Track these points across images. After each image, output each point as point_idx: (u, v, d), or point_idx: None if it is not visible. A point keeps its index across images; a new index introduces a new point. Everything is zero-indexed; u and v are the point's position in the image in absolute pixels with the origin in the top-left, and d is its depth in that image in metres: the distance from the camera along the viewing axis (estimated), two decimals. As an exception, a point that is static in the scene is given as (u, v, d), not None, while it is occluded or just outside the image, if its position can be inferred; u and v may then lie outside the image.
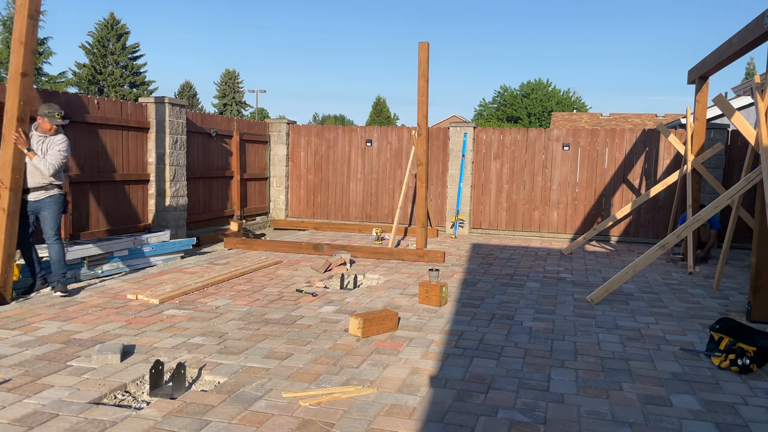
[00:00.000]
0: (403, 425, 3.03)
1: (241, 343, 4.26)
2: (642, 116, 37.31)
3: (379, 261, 7.86)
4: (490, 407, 3.28)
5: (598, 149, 10.50)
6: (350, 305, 5.47)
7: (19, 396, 3.27)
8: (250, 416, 3.09)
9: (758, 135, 5.51)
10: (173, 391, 3.35)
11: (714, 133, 9.64)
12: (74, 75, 43.20)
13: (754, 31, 5.75)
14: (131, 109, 8.15)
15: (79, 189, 7.32)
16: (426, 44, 8.03)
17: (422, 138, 8.23)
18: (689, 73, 8.46)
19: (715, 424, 3.15)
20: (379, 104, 69.41)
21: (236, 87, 63.64)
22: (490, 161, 10.96)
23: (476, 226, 11.10)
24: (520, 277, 7.04)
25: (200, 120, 9.58)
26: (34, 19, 5.24)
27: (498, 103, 61.37)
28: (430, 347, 4.29)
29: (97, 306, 5.20)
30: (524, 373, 3.82)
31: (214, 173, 9.92)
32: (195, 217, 9.44)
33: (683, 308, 5.68)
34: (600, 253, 9.13)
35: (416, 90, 8.19)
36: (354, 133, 11.68)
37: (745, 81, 19.82)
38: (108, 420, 3.01)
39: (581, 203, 10.62)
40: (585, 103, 59.62)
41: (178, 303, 5.38)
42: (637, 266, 5.79)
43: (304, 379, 3.63)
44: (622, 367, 3.99)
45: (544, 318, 5.19)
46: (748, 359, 3.88)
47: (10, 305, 5.11)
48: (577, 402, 3.39)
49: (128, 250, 6.73)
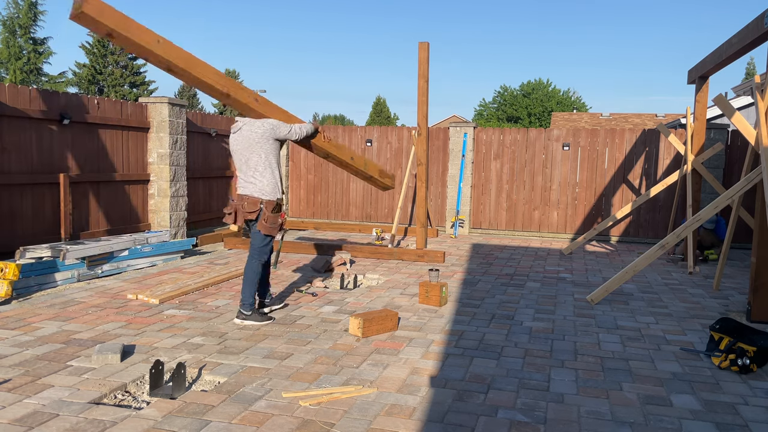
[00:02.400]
0: (403, 425, 3.03)
1: (241, 343, 4.26)
2: (642, 116, 37.31)
3: (379, 261, 7.86)
4: (490, 407, 3.28)
5: (598, 149, 10.50)
6: (350, 305, 5.47)
7: (19, 396, 3.27)
8: (250, 416, 3.09)
9: (758, 135, 5.51)
10: (173, 391, 3.35)
11: (714, 133, 9.64)
12: (74, 75, 43.19)
13: (754, 31, 5.75)
14: (131, 109, 8.14)
15: (79, 189, 7.32)
16: (426, 44, 8.03)
17: (422, 138, 8.23)
18: (689, 73, 8.46)
19: (715, 424, 3.15)
20: (379, 104, 69.37)
21: (236, 87, 63.55)
22: (490, 161, 10.96)
23: (476, 226, 11.10)
24: (520, 277, 7.04)
25: (200, 120, 9.58)
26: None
27: (498, 103, 61.35)
28: (430, 347, 4.29)
29: (97, 306, 5.20)
30: (524, 373, 3.82)
31: (214, 173, 9.92)
32: (195, 217, 9.44)
33: (683, 308, 5.68)
34: (600, 253, 9.13)
35: (416, 90, 8.19)
36: (354, 133, 11.68)
37: (745, 81, 19.82)
38: (108, 420, 3.01)
39: (581, 203, 10.62)
40: (585, 103, 59.59)
41: (178, 303, 5.38)
42: (637, 266, 5.79)
43: (304, 379, 3.63)
44: (622, 367, 3.99)
45: (544, 318, 5.19)
46: (748, 359, 3.88)
47: (10, 305, 5.11)
48: (577, 402, 3.39)
49: (128, 250, 6.73)
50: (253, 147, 4.80)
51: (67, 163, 7.16)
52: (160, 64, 4.31)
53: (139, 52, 4.18)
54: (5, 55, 36.52)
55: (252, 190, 4.82)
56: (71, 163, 7.22)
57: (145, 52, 4.17)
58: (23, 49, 37.35)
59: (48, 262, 5.79)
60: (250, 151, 4.80)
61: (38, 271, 5.69)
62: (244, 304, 4.83)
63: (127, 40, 4.02)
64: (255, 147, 4.80)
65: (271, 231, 4.85)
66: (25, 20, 36.96)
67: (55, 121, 6.98)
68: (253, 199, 4.81)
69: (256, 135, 4.80)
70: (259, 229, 4.84)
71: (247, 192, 4.84)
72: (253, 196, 4.81)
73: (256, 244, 4.91)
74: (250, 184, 4.83)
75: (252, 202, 4.81)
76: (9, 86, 6.42)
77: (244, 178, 4.87)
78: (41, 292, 5.62)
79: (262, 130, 4.81)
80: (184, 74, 4.41)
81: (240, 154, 4.85)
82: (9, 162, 6.46)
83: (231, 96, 4.67)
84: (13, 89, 6.47)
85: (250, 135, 4.80)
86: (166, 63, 4.27)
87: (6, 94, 6.38)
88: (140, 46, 4.10)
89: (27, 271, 5.57)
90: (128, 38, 4.00)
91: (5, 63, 36.69)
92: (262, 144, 4.81)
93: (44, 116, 6.79)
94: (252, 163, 4.81)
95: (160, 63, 4.29)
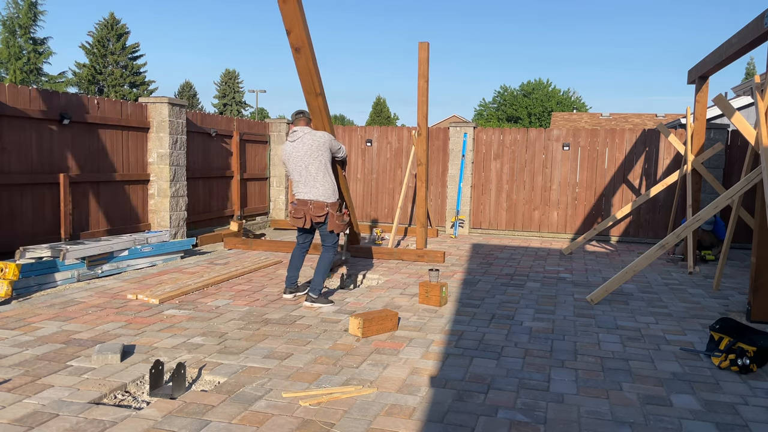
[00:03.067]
0: (403, 425, 3.03)
1: (241, 343, 4.26)
2: (642, 116, 37.31)
3: (379, 261, 7.86)
4: (490, 407, 3.28)
5: (598, 149, 10.50)
6: (350, 305, 5.47)
7: (19, 396, 3.27)
8: (250, 416, 3.09)
9: (758, 135, 5.51)
10: (173, 391, 3.35)
11: (714, 133, 9.64)
12: (74, 75, 43.21)
13: (754, 31, 5.75)
14: (131, 109, 8.14)
15: (79, 189, 7.32)
16: (426, 44, 8.03)
17: (422, 138, 8.23)
18: (689, 73, 8.46)
19: (715, 424, 3.15)
20: (379, 104, 69.36)
21: (236, 87, 63.61)
22: (490, 161, 10.96)
23: (476, 226, 11.10)
24: (520, 277, 7.04)
25: (200, 120, 9.58)
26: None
27: (498, 103, 61.36)
28: (430, 347, 4.29)
29: (97, 306, 5.20)
30: (524, 373, 3.82)
31: (214, 173, 9.91)
32: (195, 217, 9.44)
33: (683, 308, 5.68)
34: (600, 253, 9.13)
35: (416, 90, 8.19)
36: (354, 133, 11.68)
37: (745, 81, 19.82)
38: (108, 420, 3.01)
39: (581, 203, 10.62)
40: (585, 103, 59.63)
41: (178, 303, 5.38)
42: (637, 266, 5.79)
43: (304, 379, 3.62)
44: (622, 367, 3.99)
45: (544, 318, 5.19)
46: (748, 359, 3.88)
47: (10, 305, 5.11)
48: (577, 402, 3.39)
49: (128, 250, 6.73)
50: (314, 154, 5.25)
51: (67, 163, 7.16)
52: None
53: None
54: (5, 55, 36.52)
55: (316, 194, 5.29)
56: (71, 163, 7.21)
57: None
58: (23, 49, 37.35)
59: (48, 262, 5.79)
60: (312, 157, 5.26)
61: (38, 271, 5.69)
62: (314, 289, 5.35)
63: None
64: (316, 154, 5.26)
65: (342, 228, 5.44)
66: (25, 20, 36.96)
67: (55, 121, 6.97)
68: (319, 203, 5.29)
69: (317, 143, 5.27)
70: (332, 229, 5.37)
71: (311, 197, 5.32)
72: (319, 201, 5.29)
73: (329, 241, 5.47)
74: (312, 189, 5.28)
75: (318, 206, 5.29)
76: (9, 86, 6.42)
77: (303, 183, 5.30)
78: (41, 292, 5.62)
79: (324, 140, 5.32)
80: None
81: (300, 160, 5.27)
82: (9, 162, 6.46)
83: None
84: (13, 89, 6.46)
85: (312, 143, 5.27)
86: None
87: (6, 94, 6.38)
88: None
89: (27, 271, 5.57)
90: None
91: (5, 63, 36.69)
92: (323, 152, 5.30)
93: (44, 116, 6.79)
94: (312, 169, 5.26)
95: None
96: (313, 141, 5.27)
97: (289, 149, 5.35)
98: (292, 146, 5.33)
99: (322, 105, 5.67)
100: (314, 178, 5.27)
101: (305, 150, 5.26)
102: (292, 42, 5.38)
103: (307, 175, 5.27)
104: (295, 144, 5.31)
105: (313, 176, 5.26)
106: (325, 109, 5.77)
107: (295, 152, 5.30)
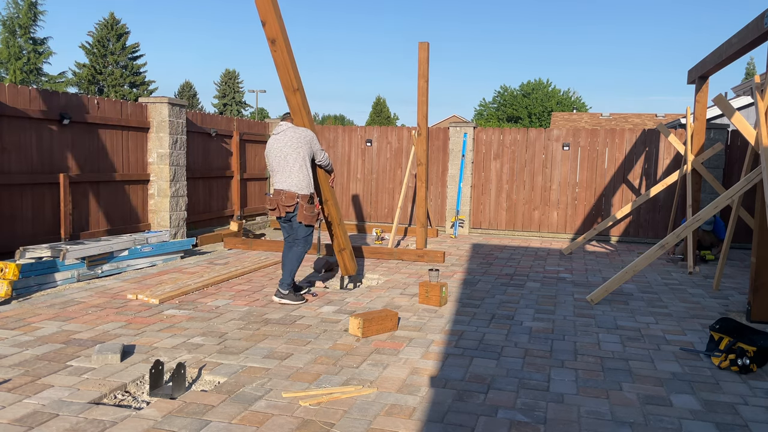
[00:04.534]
0: (403, 425, 3.03)
1: (241, 343, 4.26)
2: (642, 116, 37.32)
3: (379, 261, 7.86)
4: (490, 407, 3.28)
5: (598, 149, 10.50)
6: (350, 305, 5.47)
7: (19, 396, 3.26)
8: (250, 416, 3.09)
9: (758, 135, 5.51)
10: (173, 391, 3.35)
11: (714, 133, 9.64)
12: (74, 75, 43.21)
13: (754, 31, 5.75)
14: (131, 109, 8.14)
15: (79, 189, 7.32)
16: (426, 44, 8.03)
17: (422, 138, 8.23)
18: (689, 73, 8.46)
19: (715, 424, 3.15)
20: (379, 104, 69.37)
21: (236, 87, 63.63)
22: (490, 161, 10.96)
23: (476, 226, 11.10)
24: (520, 277, 7.04)
25: (200, 120, 9.58)
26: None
27: (498, 103, 61.34)
28: (430, 347, 4.29)
29: (97, 306, 5.20)
30: (524, 373, 3.82)
31: (214, 173, 9.91)
32: (195, 217, 9.44)
33: (683, 308, 5.68)
34: (600, 253, 9.13)
35: (416, 90, 8.19)
36: (354, 133, 11.68)
37: (745, 81, 19.82)
38: (108, 420, 3.01)
39: (581, 203, 10.62)
40: (585, 103, 59.61)
41: (177, 303, 5.38)
42: (637, 266, 5.79)
43: (304, 379, 3.62)
44: (622, 367, 3.99)
45: (544, 318, 5.19)
46: (748, 359, 3.88)
47: (10, 305, 5.11)
48: (577, 402, 3.39)
49: (128, 250, 6.73)
50: (294, 146, 5.33)
51: (67, 163, 7.16)
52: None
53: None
54: (5, 55, 36.53)
55: (289, 185, 5.34)
56: (71, 163, 7.21)
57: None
58: (23, 49, 37.36)
59: (48, 262, 5.79)
60: (291, 148, 5.33)
61: (38, 271, 5.69)
62: (283, 283, 5.41)
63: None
64: (296, 146, 5.33)
65: (310, 221, 5.40)
66: (25, 20, 36.96)
67: (55, 121, 6.97)
68: (290, 194, 5.33)
69: (299, 137, 5.36)
70: (300, 220, 5.37)
71: (284, 187, 5.36)
72: (290, 191, 5.33)
73: (300, 234, 5.48)
74: (287, 179, 5.36)
75: (289, 196, 5.33)
76: (9, 86, 6.42)
77: (280, 173, 5.39)
78: (41, 292, 5.62)
79: (305, 135, 5.41)
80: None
81: (279, 152, 5.35)
82: (9, 162, 6.46)
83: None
84: (13, 89, 6.46)
85: (294, 136, 5.36)
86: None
87: (6, 94, 6.38)
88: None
89: (27, 271, 5.57)
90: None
91: (5, 63, 36.70)
92: (303, 146, 5.36)
93: (44, 116, 6.79)
94: (290, 160, 5.32)
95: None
96: (294, 134, 5.38)
97: (271, 142, 5.47)
98: (274, 139, 5.46)
99: (300, 102, 5.57)
100: (290, 169, 5.33)
101: (285, 142, 5.36)
102: (267, 33, 5.35)
103: (285, 165, 5.34)
104: (277, 137, 5.44)
105: (290, 167, 5.33)
106: (304, 107, 5.65)
107: (276, 144, 5.41)
